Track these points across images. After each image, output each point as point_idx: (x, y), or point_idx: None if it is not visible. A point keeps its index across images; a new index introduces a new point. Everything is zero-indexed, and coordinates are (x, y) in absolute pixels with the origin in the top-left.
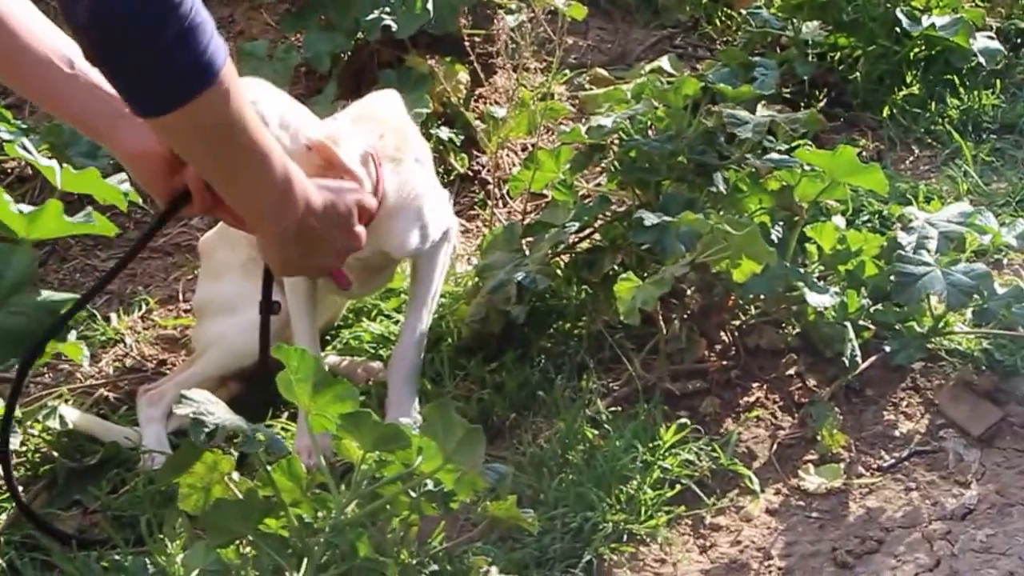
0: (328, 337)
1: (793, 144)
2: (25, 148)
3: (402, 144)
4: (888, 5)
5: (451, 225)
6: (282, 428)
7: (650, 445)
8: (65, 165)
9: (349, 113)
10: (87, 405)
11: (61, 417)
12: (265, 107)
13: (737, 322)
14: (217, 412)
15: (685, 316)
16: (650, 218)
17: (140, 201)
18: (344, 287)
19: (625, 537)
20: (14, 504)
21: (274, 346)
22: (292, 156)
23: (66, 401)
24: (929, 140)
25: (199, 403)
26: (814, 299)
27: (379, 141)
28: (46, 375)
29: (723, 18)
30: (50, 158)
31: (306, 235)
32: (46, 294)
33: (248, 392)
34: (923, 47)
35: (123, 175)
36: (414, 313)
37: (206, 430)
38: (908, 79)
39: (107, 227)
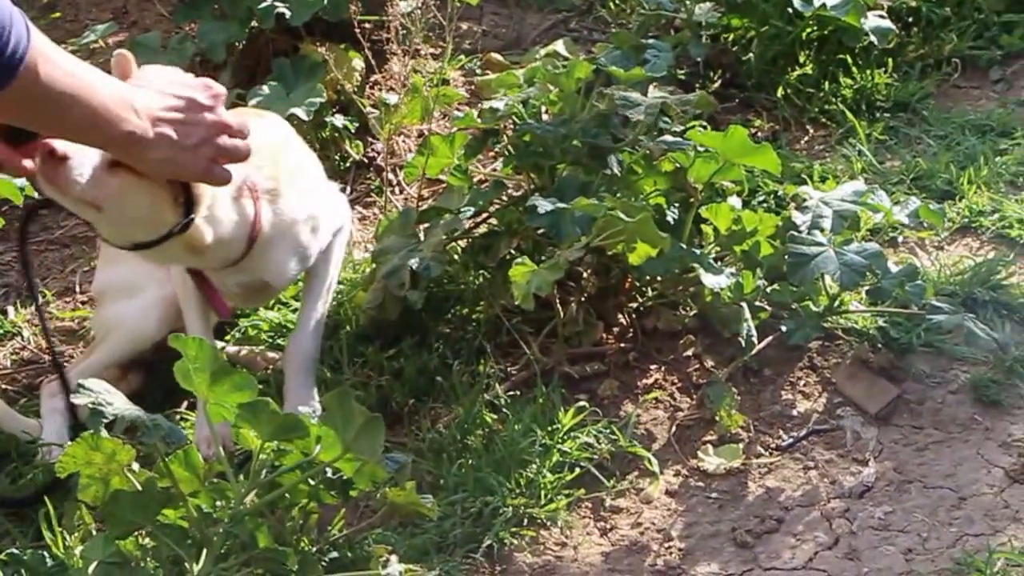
0: (226, 326)
1: (688, 126)
2: None
3: (277, 172)
4: None
5: (343, 219)
6: (181, 418)
7: (549, 429)
8: None
9: None
10: None
11: None
12: None
13: (634, 304)
14: (116, 402)
15: (582, 299)
16: (544, 205)
17: (36, 195)
18: (224, 316)
19: (525, 521)
20: None
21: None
22: None
23: None
24: (823, 120)
25: (97, 393)
26: (710, 280)
27: (256, 173)
28: None
29: (617, 1)
30: None
31: (162, 142)
32: None
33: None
34: (816, 27)
35: None
36: (309, 304)
37: (105, 420)
38: (801, 59)
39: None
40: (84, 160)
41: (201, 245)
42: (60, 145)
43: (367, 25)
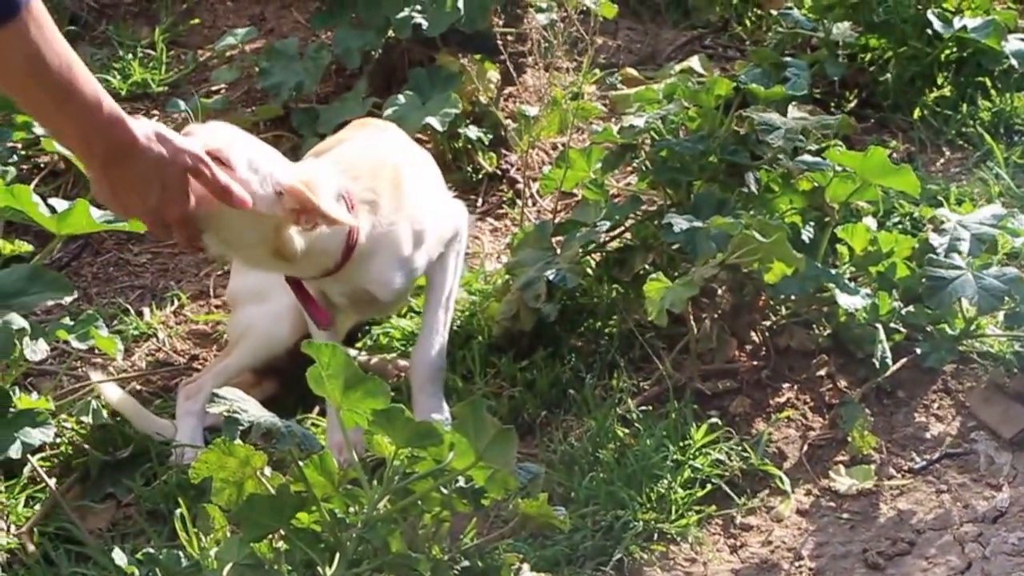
0: (358, 333)
1: (824, 144)
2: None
3: (377, 184)
4: (919, 7)
5: (459, 227)
6: (312, 424)
7: (681, 444)
8: None
9: (326, 154)
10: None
11: (94, 411)
12: (232, 152)
13: (768, 322)
14: (250, 409)
15: (716, 316)
16: (680, 222)
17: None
18: (323, 325)
19: (656, 536)
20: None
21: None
22: (262, 199)
23: (97, 398)
24: (960, 142)
25: (232, 401)
26: (845, 300)
27: (353, 183)
28: (79, 368)
29: (753, 18)
30: None
31: (114, 174)
32: None
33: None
34: (955, 49)
35: None
36: (429, 314)
37: (240, 427)
38: (939, 81)
39: (137, 225)
40: None
41: (290, 254)
42: None
43: (510, 37)
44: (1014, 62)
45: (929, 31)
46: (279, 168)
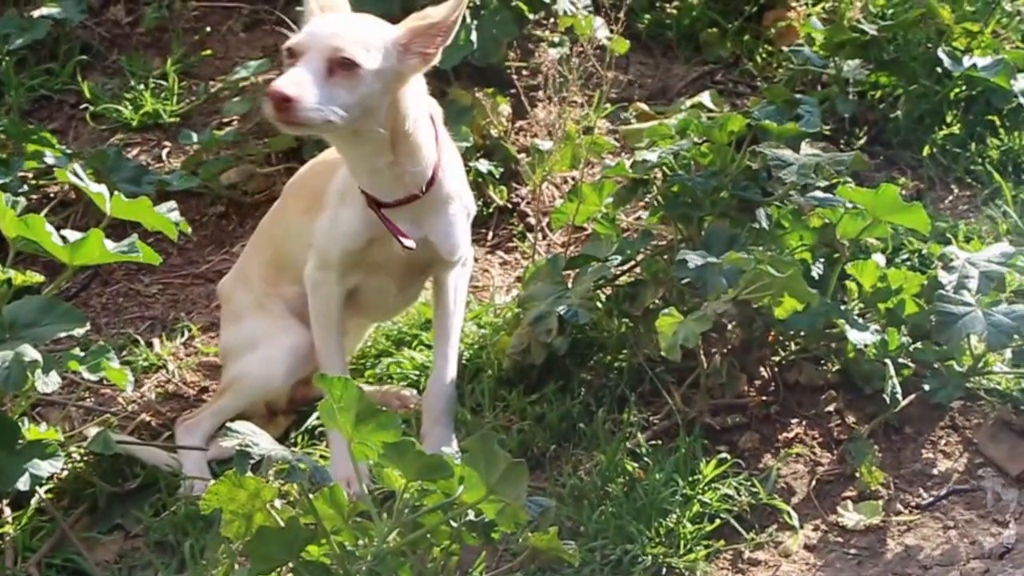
0: (368, 365)
1: (834, 181)
2: (76, 174)
3: (449, 149)
4: (929, 45)
5: (470, 251)
6: (321, 456)
7: (690, 479)
8: (116, 192)
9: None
10: (129, 430)
11: (104, 442)
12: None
13: (777, 358)
14: (262, 443)
15: (726, 351)
16: (694, 259)
17: (189, 231)
18: (408, 245)
19: (664, 570)
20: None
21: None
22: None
23: (110, 427)
24: (969, 180)
25: (244, 434)
26: (855, 336)
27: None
28: (88, 399)
29: (764, 55)
30: (96, 183)
31: None
32: None
33: None
34: (964, 87)
35: (172, 203)
36: (446, 345)
37: (252, 460)
38: (949, 119)
39: (151, 256)
40: (307, 94)
41: (402, 122)
42: (285, 88)
43: (524, 72)
44: (1023, 101)
45: (939, 69)
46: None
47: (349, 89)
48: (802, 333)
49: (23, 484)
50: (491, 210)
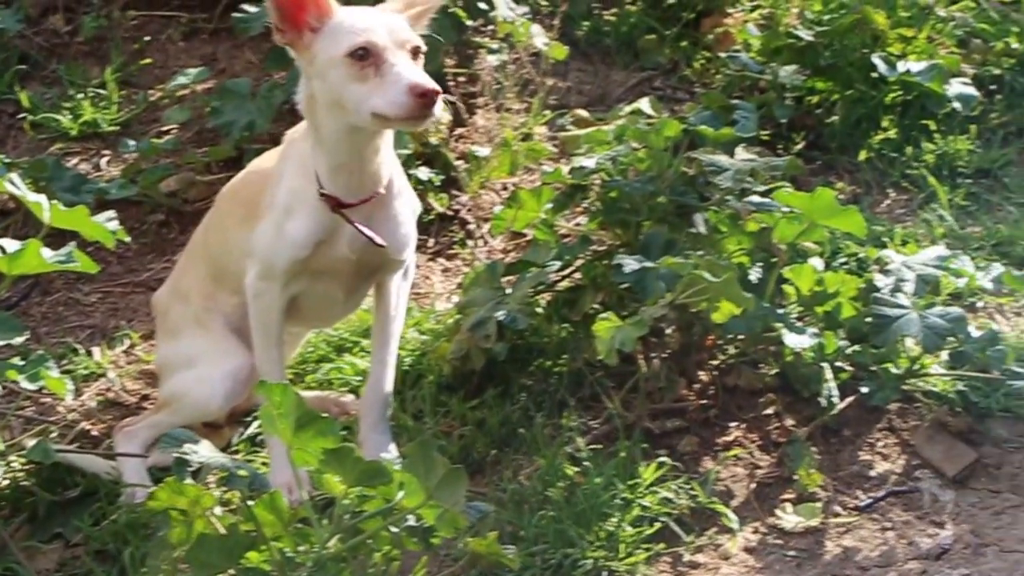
0: (309, 370)
1: (772, 186)
2: (14, 183)
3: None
4: (865, 51)
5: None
6: (262, 463)
7: (630, 483)
8: (54, 202)
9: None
10: (69, 439)
11: (43, 451)
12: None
13: (716, 362)
14: (201, 450)
15: (665, 355)
16: (630, 263)
17: (127, 239)
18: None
19: (605, 574)
20: None
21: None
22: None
23: (50, 436)
24: (905, 184)
25: (182, 441)
26: (792, 340)
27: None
28: (28, 408)
29: (702, 61)
30: (35, 192)
31: None
32: None
33: None
34: (900, 92)
35: (111, 213)
36: (385, 351)
37: (190, 468)
38: (885, 123)
39: (89, 265)
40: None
41: None
42: (431, 83)
43: (460, 78)
44: (957, 105)
45: (874, 74)
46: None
47: None
48: (740, 337)
49: None
50: (432, 217)
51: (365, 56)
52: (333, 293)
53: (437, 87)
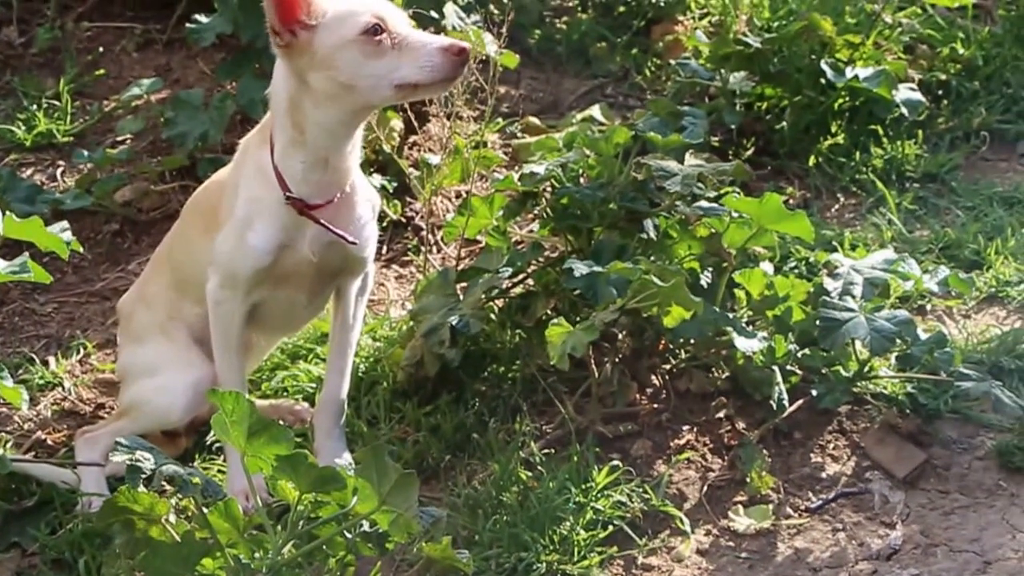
0: (264, 378)
1: (722, 191)
2: None
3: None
4: (813, 57)
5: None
6: (219, 471)
7: (583, 487)
8: (8, 213)
9: None
10: (25, 448)
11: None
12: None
13: (668, 366)
14: (153, 457)
15: (617, 360)
16: (580, 268)
17: (81, 249)
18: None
19: None
20: None
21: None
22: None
23: (6, 445)
24: (854, 188)
25: (135, 449)
26: (743, 344)
27: None
28: None
29: (653, 68)
30: None
31: None
32: None
33: None
34: (847, 98)
35: (64, 223)
36: (341, 359)
37: (143, 475)
38: (833, 129)
39: (42, 276)
40: None
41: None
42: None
43: None
44: (904, 111)
45: (823, 81)
46: None
47: None
48: (691, 341)
49: None
50: (385, 224)
51: (379, 31)
52: (296, 298)
53: (467, 44)
